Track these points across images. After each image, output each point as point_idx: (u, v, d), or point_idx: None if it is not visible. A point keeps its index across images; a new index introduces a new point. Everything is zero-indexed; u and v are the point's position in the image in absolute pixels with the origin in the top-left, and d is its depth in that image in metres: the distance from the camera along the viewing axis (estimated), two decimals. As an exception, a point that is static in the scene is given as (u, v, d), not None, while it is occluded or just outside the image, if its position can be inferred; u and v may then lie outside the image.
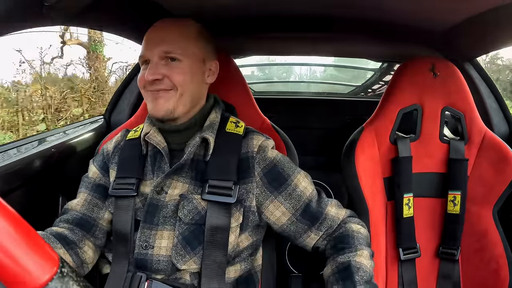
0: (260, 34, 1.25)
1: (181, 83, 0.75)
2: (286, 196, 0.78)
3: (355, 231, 0.79)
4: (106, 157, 0.86)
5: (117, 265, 0.79)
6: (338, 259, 0.75)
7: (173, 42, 0.76)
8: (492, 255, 0.95)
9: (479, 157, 1.00)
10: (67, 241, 0.77)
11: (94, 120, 1.32)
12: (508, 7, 0.83)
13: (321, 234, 0.80)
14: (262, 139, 0.81)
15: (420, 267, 1.00)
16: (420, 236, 1.00)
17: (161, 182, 0.76)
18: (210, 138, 0.77)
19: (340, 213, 0.81)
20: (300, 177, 0.80)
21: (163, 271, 0.75)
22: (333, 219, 0.80)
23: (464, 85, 1.00)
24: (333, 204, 0.82)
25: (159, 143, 0.78)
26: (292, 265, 1.56)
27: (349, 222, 0.81)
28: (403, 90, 1.01)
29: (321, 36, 1.26)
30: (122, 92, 1.34)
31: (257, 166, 0.77)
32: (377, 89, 2.35)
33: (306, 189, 0.80)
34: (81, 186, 0.86)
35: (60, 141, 1.08)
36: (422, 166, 1.01)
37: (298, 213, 0.78)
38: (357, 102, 1.99)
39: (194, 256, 0.75)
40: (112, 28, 1.02)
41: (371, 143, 1.01)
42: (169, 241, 0.75)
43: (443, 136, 1.02)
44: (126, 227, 0.78)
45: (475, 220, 0.98)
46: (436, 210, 1.02)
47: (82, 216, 0.81)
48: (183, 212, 0.75)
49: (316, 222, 0.79)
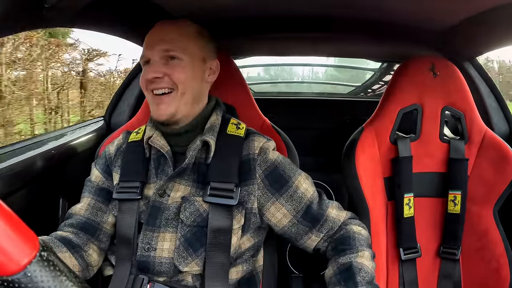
0: (260, 35, 1.25)
1: (182, 81, 0.76)
2: (288, 198, 0.78)
3: (356, 233, 0.79)
4: (109, 160, 0.86)
5: (120, 267, 0.79)
6: (339, 260, 0.75)
7: (173, 41, 0.76)
8: (493, 254, 0.95)
9: (479, 157, 1.00)
10: (72, 244, 0.77)
11: (94, 122, 1.32)
12: (507, 6, 0.83)
13: (322, 236, 0.80)
14: (263, 141, 0.81)
15: (421, 267, 1.00)
16: (420, 236, 1.00)
17: (164, 185, 0.77)
18: (211, 141, 0.77)
19: (341, 215, 0.81)
20: (301, 179, 0.80)
21: (165, 273, 0.76)
22: (334, 221, 0.80)
23: (464, 84, 1.00)
24: (334, 206, 0.82)
25: (163, 147, 0.78)
26: (293, 265, 1.56)
27: (350, 224, 0.81)
28: (403, 90, 1.01)
29: (321, 36, 1.26)
30: (122, 94, 1.33)
31: (258, 168, 0.78)
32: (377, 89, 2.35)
33: (307, 191, 0.80)
34: (84, 190, 0.86)
35: (60, 143, 1.08)
36: (422, 166, 1.01)
37: (299, 215, 0.78)
38: (357, 102, 1.99)
39: (196, 258, 0.75)
40: (113, 30, 1.02)
41: (371, 143, 1.01)
42: (171, 243, 0.75)
43: (443, 136, 1.02)
44: (129, 230, 0.78)
45: (476, 219, 0.98)
46: (437, 210, 1.02)
47: (86, 220, 0.81)
48: (185, 214, 0.75)
49: (317, 224, 0.79)
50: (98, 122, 1.32)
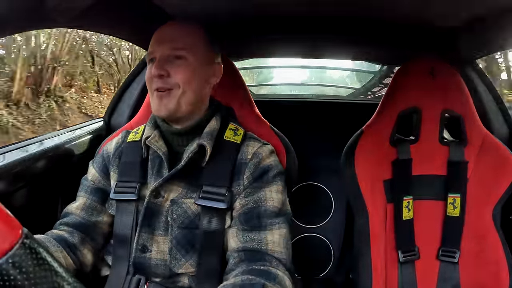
0: (260, 37, 1.26)
1: (185, 80, 0.76)
2: (248, 193, 0.76)
3: (279, 277, 0.68)
4: (107, 159, 0.86)
5: (117, 267, 0.79)
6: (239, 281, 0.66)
7: (181, 41, 0.77)
8: (492, 257, 0.95)
9: (479, 160, 1.00)
10: (67, 243, 0.77)
11: (93, 122, 1.32)
12: (507, 10, 0.84)
13: (241, 246, 0.73)
14: (257, 146, 0.81)
15: (420, 270, 0.99)
16: (420, 238, 1.00)
17: (158, 187, 0.77)
18: (208, 145, 0.77)
19: (276, 245, 0.73)
20: (276, 187, 0.78)
21: (162, 275, 0.76)
22: (262, 242, 0.72)
23: (464, 87, 1.00)
24: (281, 233, 0.75)
25: (160, 148, 0.79)
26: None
27: (277, 267, 0.71)
28: (402, 92, 1.01)
29: (321, 38, 1.26)
30: (122, 94, 1.34)
31: (247, 171, 0.78)
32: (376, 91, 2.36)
33: (269, 198, 0.76)
34: (80, 189, 0.86)
35: (60, 143, 1.08)
36: (421, 169, 1.01)
37: (245, 210, 0.76)
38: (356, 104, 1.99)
39: (190, 259, 0.75)
40: (114, 31, 1.03)
41: (370, 145, 1.01)
42: (164, 245, 0.76)
43: (442, 139, 1.02)
44: (127, 230, 0.78)
45: (475, 222, 0.98)
46: (436, 213, 1.01)
47: (81, 220, 0.82)
48: (173, 216, 0.76)
49: (247, 229, 0.74)
50: (98, 123, 1.32)
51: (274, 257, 0.72)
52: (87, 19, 0.80)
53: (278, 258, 0.72)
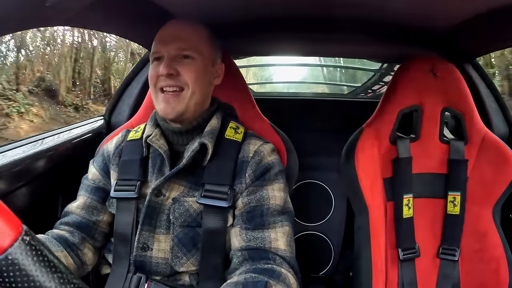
0: (260, 35, 1.25)
1: (193, 80, 0.76)
2: (251, 192, 0.76)
3: (283, 274, 0.68)
4: (107, 158, 0.86)
5: (118, 266, 0.79)
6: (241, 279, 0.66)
7: (188, 40, 0.77)
8: (492, 255, 0.95)
9: (479, 158, 1.00)
10: (68, 243, 0.77)
11: (94, 121, 1.32)
12: (508, 8, 0.83)
13: (244, 244, 0.73)
14: (258, 144, 0.81)
15: (420, 268, 1.00)
16: (420, 236, 1.00)
17: (160, 185, 0.77)
18: (209, 144, 0.77)
19: (280, 243, 0.73)
20: (278, 185, 0.78)
21: (163, 273, 0.76)
22: (265, 239, 0.72)
23: (464, 85, 1.00)
24: (285, 231, 0.75)
25: (161, 146, 0.79)
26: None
27: (281, 265, 0.71)
28: (403, 90, 1.01)
29: (321, 37, 1.26)
30: (122, 93, 1.34)
31: (249, 169, 0.78)
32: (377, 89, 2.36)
33: (272, 197, 0.76)
34: (81, 188, 0.86)
35: (60, 142, 1.08)
36: (422, 167, 1.01)
37: (247, 209, 0.76)
38: (357, 102, 1.99)
39: (192, 258, 0.75)
40: (114, 29, 1.03)
41: (371, 143, 1.01)
42: (166, 244, 0.76)
43: (443, 137, 1.02)
44: (127, 229, 0.78)
45: (475, 220, 0.98)
46: (436, 211, 1.02)
47: (82, 219, 0.82)
48: (174, 215, 0.76)
49: (250, 228, 0.74)
50: (98, 121, 1.32)
51: (278, 255, 0.72)
52: (86, 17, 0.80)
53: (282, 256, 0.72)
